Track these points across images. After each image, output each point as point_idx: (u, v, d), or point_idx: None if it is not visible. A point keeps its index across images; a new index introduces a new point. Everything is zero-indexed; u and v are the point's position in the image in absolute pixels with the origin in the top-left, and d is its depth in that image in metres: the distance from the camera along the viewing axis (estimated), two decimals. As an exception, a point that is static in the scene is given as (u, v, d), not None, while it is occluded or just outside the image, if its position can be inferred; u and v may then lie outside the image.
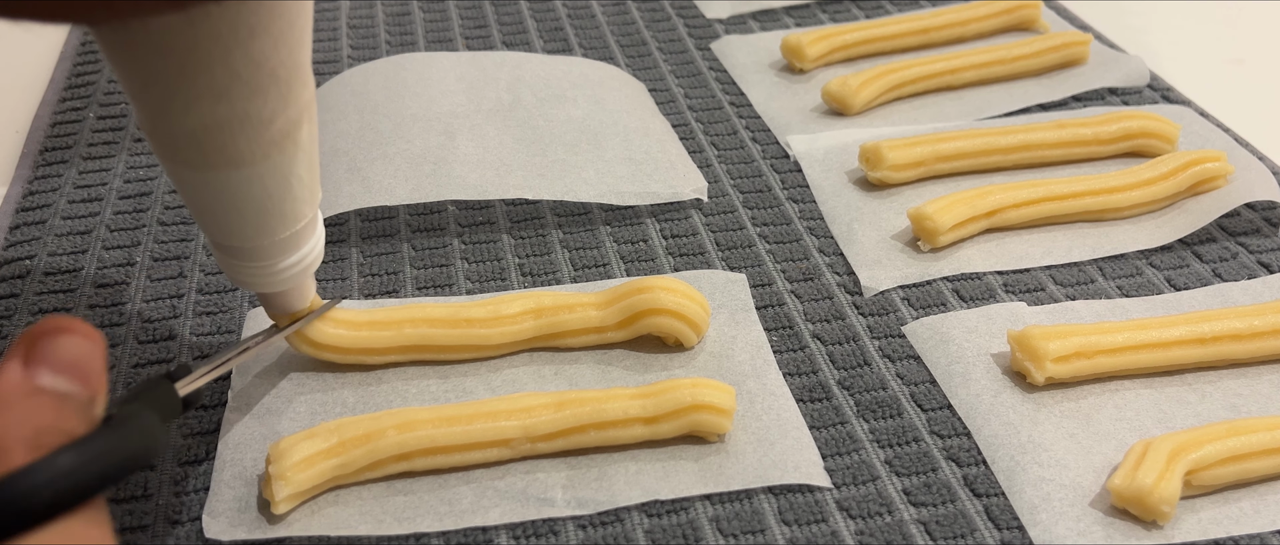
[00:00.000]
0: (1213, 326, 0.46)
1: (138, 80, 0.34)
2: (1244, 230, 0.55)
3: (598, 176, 0.55)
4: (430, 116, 0.58)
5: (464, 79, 0.62)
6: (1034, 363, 0.45)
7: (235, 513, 0.40)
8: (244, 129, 0.35)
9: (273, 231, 0.38)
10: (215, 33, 0.33)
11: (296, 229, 0.39)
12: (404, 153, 0.55)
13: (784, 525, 0.40)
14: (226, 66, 0.33)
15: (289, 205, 0.38)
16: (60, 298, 0.50)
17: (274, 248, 0.39)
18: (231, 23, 0.33)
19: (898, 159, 0.56)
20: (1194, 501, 0.41)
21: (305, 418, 0.44)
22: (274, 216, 0.38)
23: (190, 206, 0.38)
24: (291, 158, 0.37)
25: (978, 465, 0.43)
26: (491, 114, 0.59)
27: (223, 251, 0.40)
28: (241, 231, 0.38)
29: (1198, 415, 0.45)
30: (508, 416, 0.41)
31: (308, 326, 0.44)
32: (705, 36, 0.70)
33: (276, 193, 0.37)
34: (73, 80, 0.66)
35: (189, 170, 0.36)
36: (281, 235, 0.39)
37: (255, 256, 0.39)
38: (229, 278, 0.41)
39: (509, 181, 0.54)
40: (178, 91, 0.34)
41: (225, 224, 0.38)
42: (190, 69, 0.33)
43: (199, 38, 0.32)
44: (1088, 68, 0.66)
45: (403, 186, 0.53)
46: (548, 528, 0.40)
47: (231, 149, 0.35)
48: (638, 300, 0.46)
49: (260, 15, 0.33)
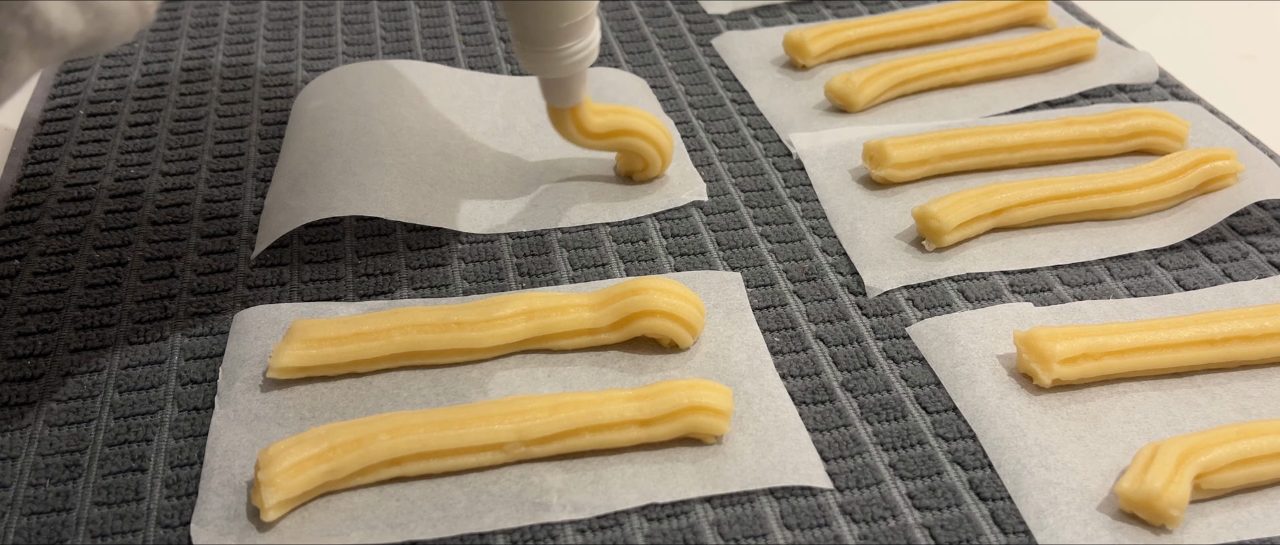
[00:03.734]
0: (1223, 327, 0.46)
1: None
2: (1254, 229, 0.54)
3: (592, 199, 0.55)
4: (426, 131, 0.58)
5: (459, 97, 0.62)
6: (1041, 364, 0.44)
7: (224, 520, 0.40)
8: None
9: (569, 14, 0.48)
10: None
11: (583, 16, 0.49)
12: (401, 165, 0.55)
13: (786, 529, 0.40)
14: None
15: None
16: (50, 298, 0.49)
17: (566, 32, 0.49)
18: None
19: (902, 157, 0.55)
20: (1203, 505, 0.41)
21: (295, 423, 0.43)
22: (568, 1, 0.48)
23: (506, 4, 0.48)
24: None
25: (983, 468, 0.42)
26: (487, 136, 0.59)
27: (524, 41, 0.49)
28: (546, 14, 0.48)
29: (1207, 418, 0.44)
30: (501, 420, 0.41)
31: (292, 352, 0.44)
32: (706, 32, 0.70)
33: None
34: (63, 78, 0.65)
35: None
36: (575, 19, 0.48)
37: (552, 41, 0.49)
38: (525, 67, 0.50)
39: (504, 215, 0.54)
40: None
41: (535, 8, 0.48)
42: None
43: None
44: (1095, 64, 0.65)
45: (399, 202, 0.53)
46: (545, 532, 0.40)
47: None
48: (631, 302, 0.46)
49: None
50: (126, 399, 0.45)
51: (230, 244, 0.53)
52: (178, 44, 0.68)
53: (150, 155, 0.59)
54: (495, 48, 0.68)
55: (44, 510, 0.40)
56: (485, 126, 0.60)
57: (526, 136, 0.59)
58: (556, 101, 0.52)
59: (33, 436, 0.43)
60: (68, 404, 0.45)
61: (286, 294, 0.50)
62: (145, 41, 0.68)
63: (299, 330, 0.45)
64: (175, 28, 0.70)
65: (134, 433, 0.43)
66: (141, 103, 0.63)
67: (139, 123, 0.61)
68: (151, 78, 0.65)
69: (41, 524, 0.40)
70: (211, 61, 0.67)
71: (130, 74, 0.65)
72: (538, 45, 0.49)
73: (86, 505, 0.41)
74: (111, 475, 0.42)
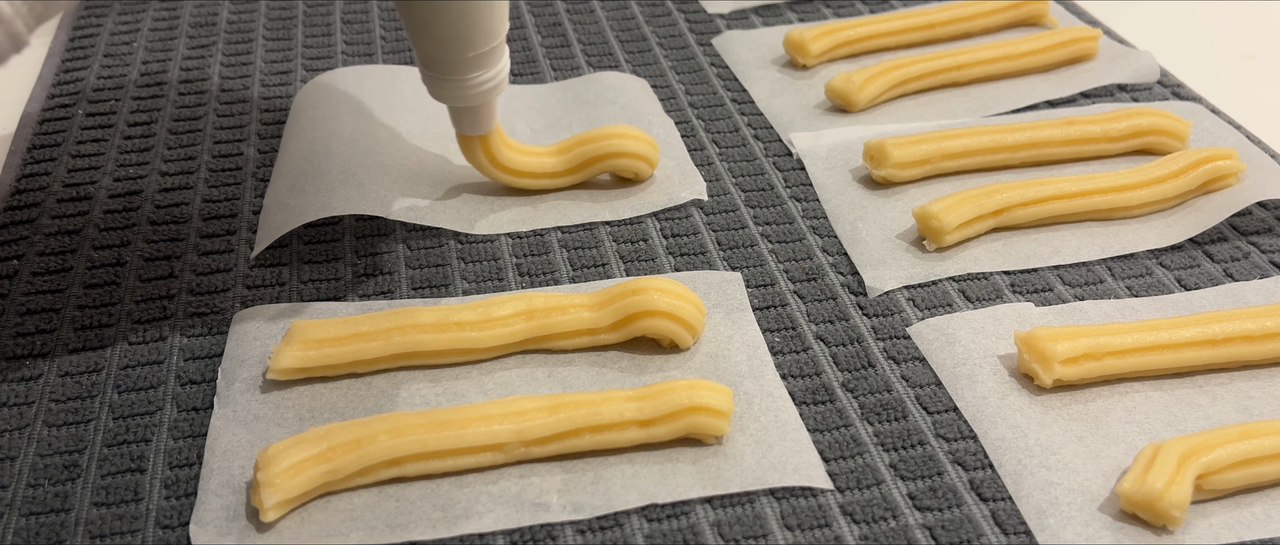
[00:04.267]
0: (1224, 327, 0.46)
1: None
2: (1256, 229, 0.54)
3: (592, 198, 0.55)
4: (426, 136, 0.58)
5: None
6: (1042, 364, 0.44)
7: (223, 521, 0.40)
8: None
9: (474, 45, 0.47)
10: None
11: (491, 46, 0.48)
12: (401, 165, 0.55)
13: (786, 530, 0.40)
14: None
15: (489, 21, 0.47)
16: (49, 298, 0.49)
17: (474, 62, 0.48)
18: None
19: (903, 157, 0.55)
20: (1205, 506, 0.41)
21: (294, 423, 0.43)
22: (478, 29, 0.47)
23: (411, 26, 0.47)
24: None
25: (984, 469, 0.42)
26: None
27: (432, 68, 0.49)
28: (452, 44, 0.47)
29: (1209, 418, 0.44)
30: (501, 420, 0.41)
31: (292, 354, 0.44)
32: (707, 32, 0.70)
33: (480, 9, 0.47)
34: (61, 77, 0.65)
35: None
36: (480, 49, 0.48)
37: (460, 70, 0.48)
38: (433, 94, 0.50)
39: (504, 215, 0.54)
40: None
41: (441, 37, 0.47)
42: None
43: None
44: (1097, 64, 0.65)
45: (399, 202, 0.53)
46: (545, 533, 0.39)
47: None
48: (631, 302, 0.45)
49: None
50: (125, 399, 0.45)
51: (229, 244, 0.52)
52: (177, 44, 0.68)
53: (149, 155, 0.58)
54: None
55: (43, 511, 0.40)
56: None
57: (525, 139, 0.59)
58: (465, 129, 0.52)
59: (31, 437, 0.43)
60: (66, 404, 0.44)
61: (286, 294, 0.50)
62: (144, 41, 0.68)
63: (298, 331, 0.45)
64: (174, 28, 0.70)
65: (133, 433, 0.43)
66: (140, 102, 0.63)
67: (138, 122, 0.61)
68: (150, 77, 0.65)
69: (40, 525, 0.40)
70: (210, 61, 0.67)
71: (129, 74, 0.65)
72: (445, 73, 0.49)
73: (85, 506, 0.40)
74: (110, 476, 0.42)
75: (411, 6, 0.47)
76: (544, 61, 0.67)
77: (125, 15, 0.71)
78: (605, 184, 0.56)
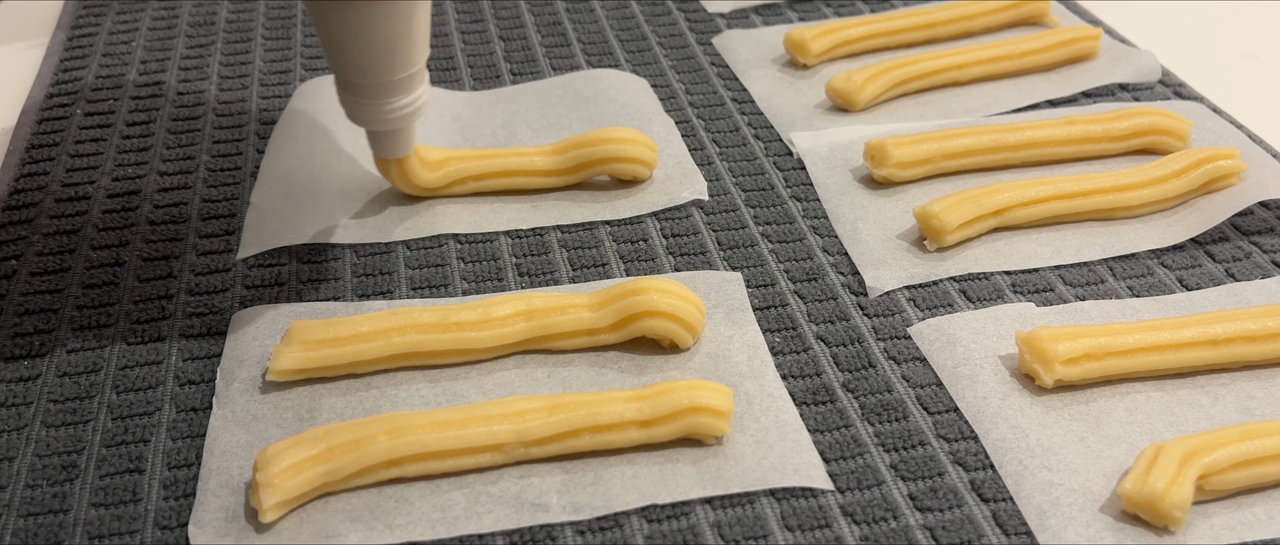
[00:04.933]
0: (1226, 327, 0.45)
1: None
2: (1258, 229, 0.54)
3: (592, 198, 0.55)
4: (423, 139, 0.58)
5: (459, 119, 0.61)
6: (1043, 365, 0.44)
7: (222, 522, 0.39)
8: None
9: (393, 71, 0.46)
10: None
11: (411, 72, 0.47)
12: (394, 192, 0.55)
13: (787, 530, 0.40)
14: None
15: (407, 47, 0.46)
16: (47, 298, 0.49)
17: (392, 87, 0.47)
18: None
19: (903, 156, 0.55)
20: (1206, 506, 0.41)
21: (293, 424, 0.43)
22: (396, 55, 0.46)
23: (328, 48, 0.46)
24: (413, 4, 0.45)
25: (985, 470, 0.42)
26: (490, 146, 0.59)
27: (349, 91, 0.47)
28: (368, 68, 0.46)
29: (1210, 418, 0.44)
30: (500, 420, 0.41)
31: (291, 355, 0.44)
32: (707, 31, 0.70)
33: (400, 33, 0.46)
34: (60, 77, 0.65)
35: (336, 8, 0.44)
36: (399, 75, 0.47)
37: (377, 94, 0.47)
38: (349, 116, 0.48)
39: (504, 216, 0.54)
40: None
41: (358, 61, 0.46)
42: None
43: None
44: (1098, 63, 0.65)
45: (397, 226, 0.53)
46: (545, 534, 0.39)
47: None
48: (631, 303, 0.45)
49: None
50: (124, 400, 0.45)
51: (228, 244, 0.52)
52: (175, 43, 0.68)
53: (148, 155, 0.58)
54: (494, 47, 0.68)
55: (41, 512, 0.40)
56: (487, 140, 0.59)
57: (527, 142, 0.59)
58: (382, 153, 0.51)
59: (30, 438, 0.43)
60: (65, 405, 0.44)
61: (284, 294, 0.50)
62: (143, 40, 0.68)
63: (297, 332, 0.45)
64: (173, 27, 0.70)
65: (132, 434, 0.43)
66: (139, 102, 0.62)
67: (136, 122, 0.61)
68: (149, 76, 0.65)
69: (38, 525, 0.40)
70: (209, 61, 0.67)
71: (128, 73, 0.65)
72: (360, 96, 0.48)
73: (84, 507, 0.40)
74: (109, 476, 0.41)
75: (327, 29, 0.46)
76: (544, 61, 0.66)
77: (124, 15, 0.71)
78: (605, 184, 0.56)
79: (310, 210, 0.53)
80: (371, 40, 0.45)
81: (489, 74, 0.65)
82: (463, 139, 0.60)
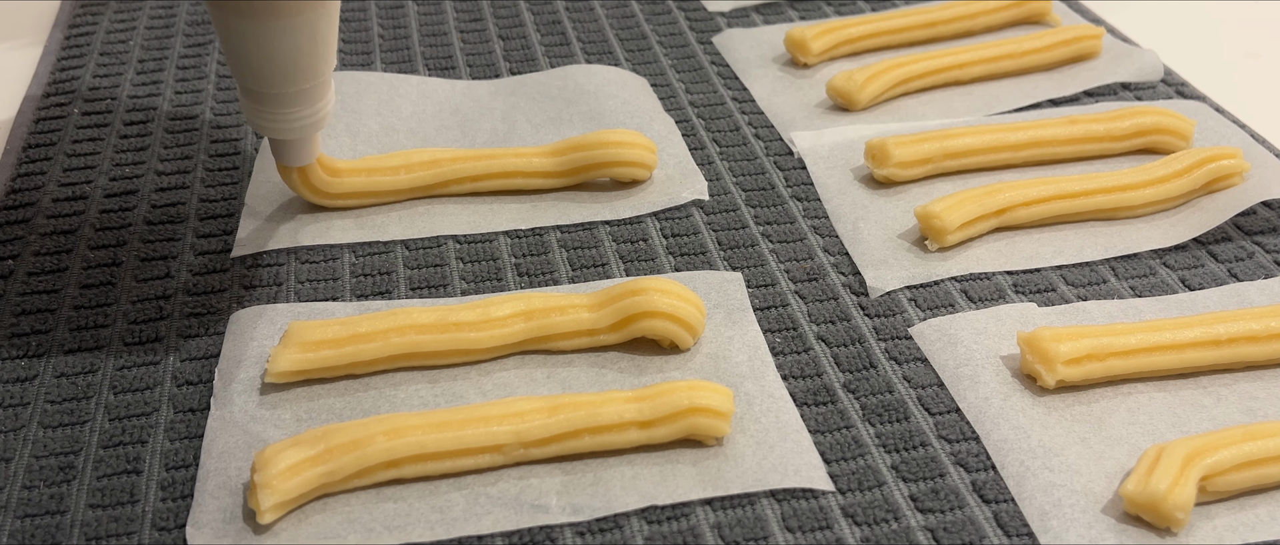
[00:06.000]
0: (1228, 328, 0.45)
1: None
2: (1260, 229, 0.54)
3: (591, 198, 0.55)
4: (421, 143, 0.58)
5: (459, 113, 0.61)
6: (1044, 365, 0.44)
7: (220, 523, 0.39)
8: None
9: (295, 81, 0.46)
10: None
11: (315, 83, 0.47)
12: None
13: (787, 532, 0.39)
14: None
15: (311, 60, 0.46)
16: (44, 298, 0.49)
17: (295, 97, 0.47)
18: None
19: (904, 156, 0.55)
20: (1209, 508, 0.41)
21: (291, 424, 0.43)
22: (299, 67, 0.46)
23: (229, 54, 0.46)
24: (319, 17, 0.45)
25: (987, 470, 0.42)
26: (489, 143, 0.59)
27: (250, 98, 0.47)
28: (270, 78, 0.46)
29: (1213, 419, 0.44)
30: (500, 421, 0.41)
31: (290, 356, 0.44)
32: (707, 30, 0.70)
33: (304, 46, 0.45)
34: (57, 76, 0.65)
35: (236, 18, 0.44)
36: (302, 86, 0.46)
37: (278, 103, 0.47)
38: (251, 124, 0.48)
39: (503, 216, 0.54)
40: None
41: (258, 70, 0.46)
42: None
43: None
44: (1100, 62, 0.65)
45: (396, 224, 0.53)
46: (544, 535, 0.39)
47: None
48: (631, 303, 0.45)
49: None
50: (121, 400, 0.44)
51: (226, 244, 0.52)
52: (173, 42, 0.68)
53: (145, 154, 0.58)
54: (494, 46, 0.68)
55: (38, 513, 0.40)
56: (486, 135, 0.59)
57: (526, 138, 0.59)
58: (283, 160, 0.50)
59: (27, 438, 0.43)
60: (62, 405, 0.44)
61: (283, 294, 0.49)
62: (140, 39, 0.68)
63: (296, 333, 0.45)
64: (170, 26, 0.70)
65: (129, 434, 0.43)
66: (136, 100, 0.62)
67: (133, 122, 0.61)
68: (146, 75, 0.65)
69: (35, 527, 0.40)
70: (207, 59, 0.66)
71: (125, 72, 0.65)
72: (262, 104, 0.47)
73: (81, 508, 0.40)
74: (106, 477, 0.41)
75: (228, 36, 0.45)
76: (543, 60, 0.66)
77: (121, 14, 0.71)
78: (605, 184, 0.56)
79: (309, 210, 0.53)
80: (273, 52, 0.45)
81: (489, 74, 0.65)
82: (460, 134, 0.59)
